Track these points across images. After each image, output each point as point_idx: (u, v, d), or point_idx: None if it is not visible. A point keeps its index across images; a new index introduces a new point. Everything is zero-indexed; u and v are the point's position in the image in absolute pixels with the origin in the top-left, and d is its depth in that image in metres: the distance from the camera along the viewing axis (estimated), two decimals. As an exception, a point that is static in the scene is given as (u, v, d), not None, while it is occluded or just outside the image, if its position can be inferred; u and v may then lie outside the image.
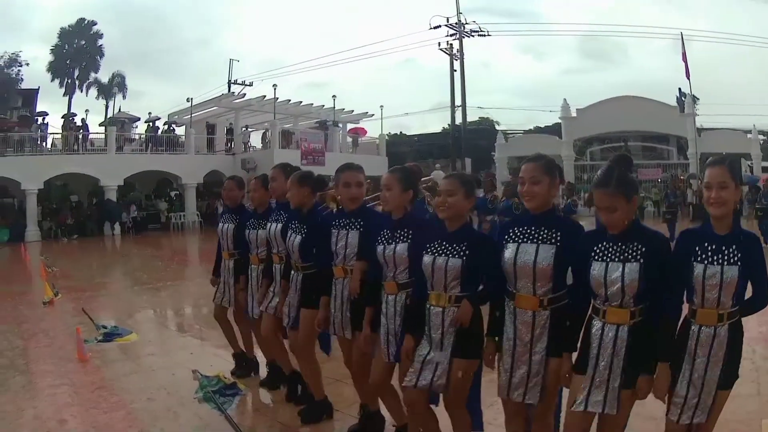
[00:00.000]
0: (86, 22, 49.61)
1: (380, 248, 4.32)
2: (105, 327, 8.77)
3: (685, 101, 36.70)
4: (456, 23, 41.30)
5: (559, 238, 3.75)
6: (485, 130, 47.18)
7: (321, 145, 34.56)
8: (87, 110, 39.37)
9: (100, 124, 39.85)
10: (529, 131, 47.96)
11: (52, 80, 48.45)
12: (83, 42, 49.00)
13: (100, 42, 49.70)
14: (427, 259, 3.98)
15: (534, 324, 3.73)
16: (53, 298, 11.76)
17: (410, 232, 4.27)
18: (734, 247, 3.44)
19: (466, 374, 3.94)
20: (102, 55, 49.72)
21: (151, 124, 35.18)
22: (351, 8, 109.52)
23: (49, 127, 32.28)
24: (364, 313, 4.54)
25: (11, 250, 22.85)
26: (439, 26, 41.38)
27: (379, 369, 4.49)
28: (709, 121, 43.24)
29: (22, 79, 40.08)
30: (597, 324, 3.59)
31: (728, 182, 3.45)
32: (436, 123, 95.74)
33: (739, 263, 3.40)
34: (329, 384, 5.61)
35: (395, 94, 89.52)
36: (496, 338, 3.91)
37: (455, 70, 42.14)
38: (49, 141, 31.62)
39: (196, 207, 32.68)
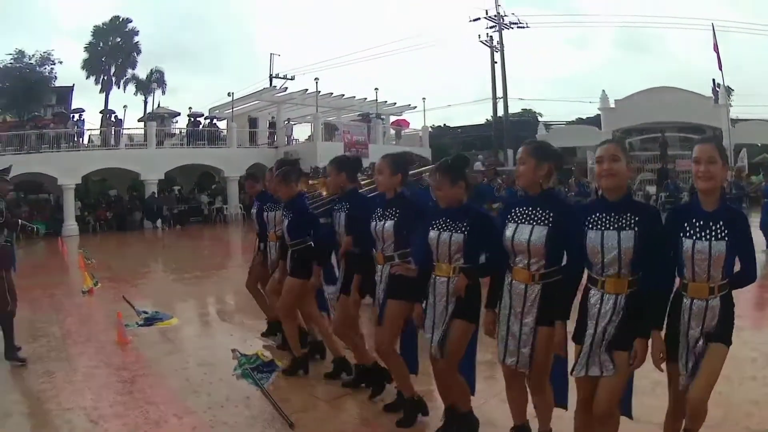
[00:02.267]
0: (121, 19, 49.56)
1: (372, 224, 4.94)
2: (146, 312, 9.18)
3: (719, 92, 36.98)
4: (495, 15, 41.48)
5: (551, 218, 4.05)
6: (527, 121, 46.87)
7: (364, 138, 34.28)
8: (125, 106, 39.90)
9: (139, 120, 39.93)
10: (572, 122, 47.64)
11: (87, 77, 48.59)
12: (119, 39, 48.95)
13: (136, 39, 49.67)
14: (432, 234, 4.47)
15: (526, 296, 4.05)
16: (92, 287, 11.68)
17: (398, 210, 4.87)
18: (722, 223, 3.64)
19: (463, 334, 4.41)
20: (139, 51, 49.70)
21: (192, 118, 34.82)
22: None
23: (86, 124, 32.30)
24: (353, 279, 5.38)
25: (48, 244, 22.66)
26: (479, 18, 41.87)
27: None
28: (745, 112, 44.07)
29: (55, 77, 39.90)
30: (596, 294, 3.78)
31: (716, 158, 3.64)
32: (480, 114, 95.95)
33: (726, 238, 3.61)
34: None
35: (439, 86, 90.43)
36: (495, 309, 4.25)
37: (496, 62, 42.62)
38: (86, 137, 31.66)
39: (239, 199, 32.30)
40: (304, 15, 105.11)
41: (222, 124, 35.50)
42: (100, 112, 35.22)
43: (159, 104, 45.40)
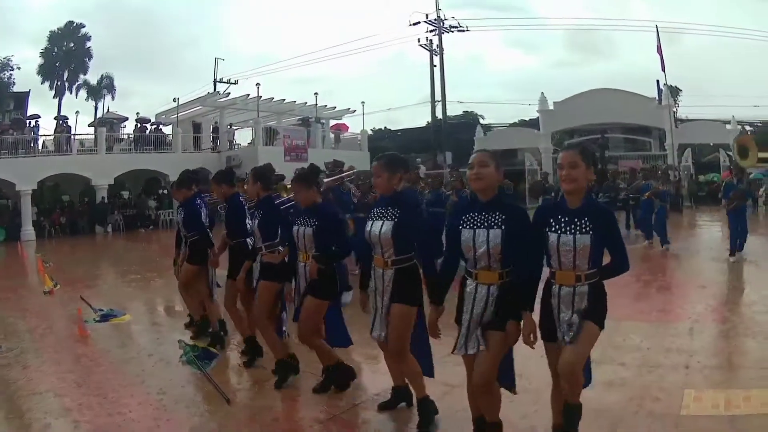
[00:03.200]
0: (75, 24, 50.43)
1: (367, 228, 5.12)
2: (102, 310, 10.20)
3: (662, 93, 37.20)
4: (435, 19, 42.23)
5: (398, 214, 4.90)
6: (467, 124, 47.46)
7: (303, 142, 35.33)
8: (77, 111, 40.70)
9: (89, 125, 40.92)
10: (514, 124, 48.17)
11: (42, 82, 49.49)
12: (72, 44, 49.81)
13: (88, 44, 50.63)
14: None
15: (383, 279, 4.93)
16: (53, 288, 12.84)
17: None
18: (586, 219, 4.05)
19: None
20: (90, 57, 50.63)
21: (139, 124, 35.97)
22: (338, 4, 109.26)
23: (41, 129, 33.25)
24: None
25: (8, 249, 23.81)
26: (418, 23, 42.49)
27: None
28: (695, 112, 44.56)
29: (13, 83, 40.98)
30: (471, 284, 4.31)
31: (579, 163, 4.08)
32: (424, 117, 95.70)
33: (591, 232, 4.02)
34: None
35: (384, 89, 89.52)
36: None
37: (435, 66, 43.15)
38: (41, 143, 32.48)
39: (184, 204, 32.82)
40: (247, 18, 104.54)
41: (167, 130, 36.34)
42: (55, 118, 36.17)
43: (108, 109, 46.16)
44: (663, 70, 35.87)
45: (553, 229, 4.13)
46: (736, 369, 6.46)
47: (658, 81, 37.21)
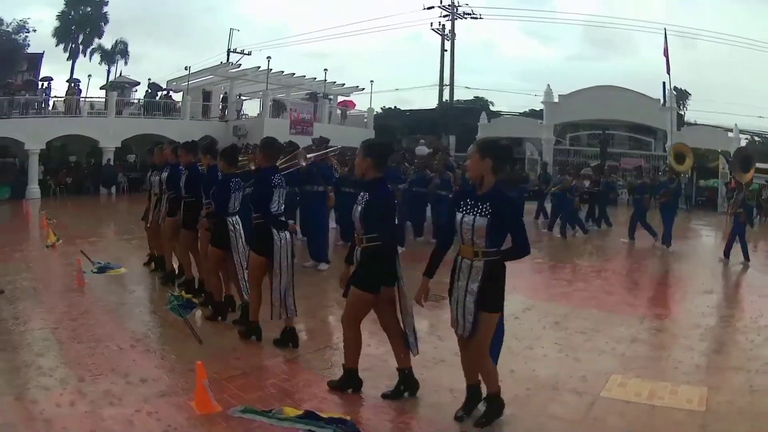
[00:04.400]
0: (93, -11, 50.78)
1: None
2: (99, 263, 10.97)
3: (666, 95, 36.77)
4: (449, 5, 42.37)
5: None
6: (474, 109, 46.96)
7: (310, 116, 35.62)
8: (90, 75, 41.02)
9: (101, 88, 41.08)
10: (524, 113, 47.81)
11: (57, 45, 49.48)
12: (89, 9, 49.77)
13: (105, 9, 50.48)
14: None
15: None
16: (55, 242, 13.59)
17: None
18: (488, 204, 4.66)
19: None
20: (107, 21, 50.54)
21: (150, 90, 36.39)
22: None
23: (53, 91, 33.55)
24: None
25: (13, 206, 24.39)
26: (432, 7, 42.56)
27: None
28: (703, 117, 43.63)
29: (28, 45, 40.93)
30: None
31: (475, 156, 4.80)
32: (435, 100, 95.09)
33: (488, 216, 4.63)
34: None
35: (398, 68, 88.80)
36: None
37: (446, 50, 43.33)
38: (51, 104, 32.75)
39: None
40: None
41: (177, 97, 36.75)
42: (67, 81, 36.34)
43: (121, 73, 46.43)
44: (668, 72, 35.31)
45: (461, 210, 4.79)
46: (676, 364, 6.69)
47: (664, 83, 36.56)
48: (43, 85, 33.38)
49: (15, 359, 6.25)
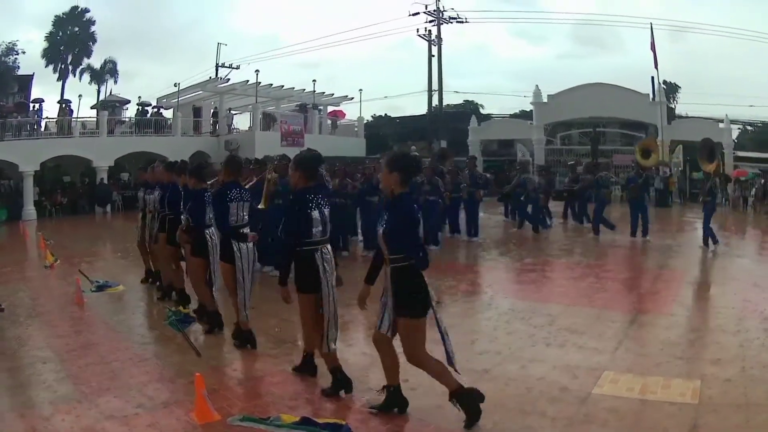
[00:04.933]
0: (79, 9, 50.91)
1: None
2: (98, 281, 11.15)
3: (655, 90, 37.05)
4: (434, 10, 42.51)
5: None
6: (464, 113, 47.45)
7: (300, 127, 35.89)
8: (80, 95, 41.27)
9: (92, 107, 41.36)
10: (515, 115, 47.87)
11: (47, 66, 50.00)
12: (77, 29, 50.30)
13: (92, 28, 51.11)
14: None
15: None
16: (53, 263, 13.80)
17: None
18: (387, 213, 4.98)
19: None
20: (95, 41, 51.16)
21: (140, 108, 36.58)
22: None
23: (44, 112, 33.73)
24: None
25: (10, 228, 24.69)
26: (418, 13, 42.66)
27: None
28: (694, 110, 44.00)
29: (18, 67, 41.35)
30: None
31: (384, 170, 5.15)
32: (425, 105, 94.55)
33: (384, 224, 4.95)
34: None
35: (388, 76, 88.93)
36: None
37: (433, 56, 43.07)
38: (43, 125, 32.87)
39: (182, 186, 33.20)
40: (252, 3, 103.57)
41: (168, 113, 36.90)
42: (58, 102, 36.63)
43: (111, 92, 46.62)
44: (656, 66, 35.81)
45: (380, 222, 5.07)
46: (668, 358, 6.69)
47: (652, 78, 36.79)
48: (34, 106, 33.61)
49: (18, 377, 6.46)
